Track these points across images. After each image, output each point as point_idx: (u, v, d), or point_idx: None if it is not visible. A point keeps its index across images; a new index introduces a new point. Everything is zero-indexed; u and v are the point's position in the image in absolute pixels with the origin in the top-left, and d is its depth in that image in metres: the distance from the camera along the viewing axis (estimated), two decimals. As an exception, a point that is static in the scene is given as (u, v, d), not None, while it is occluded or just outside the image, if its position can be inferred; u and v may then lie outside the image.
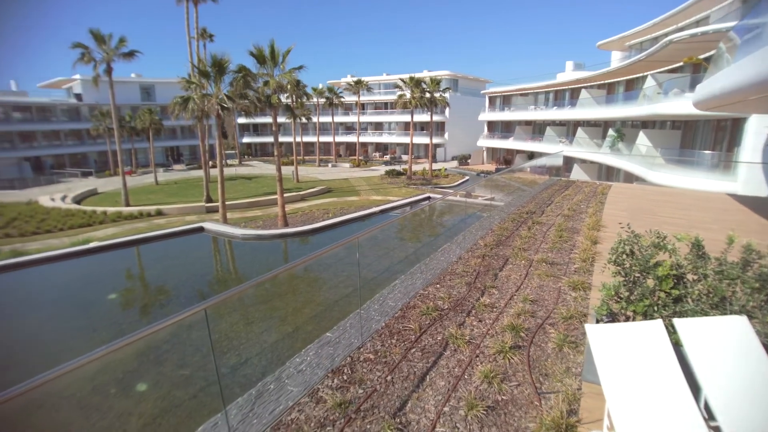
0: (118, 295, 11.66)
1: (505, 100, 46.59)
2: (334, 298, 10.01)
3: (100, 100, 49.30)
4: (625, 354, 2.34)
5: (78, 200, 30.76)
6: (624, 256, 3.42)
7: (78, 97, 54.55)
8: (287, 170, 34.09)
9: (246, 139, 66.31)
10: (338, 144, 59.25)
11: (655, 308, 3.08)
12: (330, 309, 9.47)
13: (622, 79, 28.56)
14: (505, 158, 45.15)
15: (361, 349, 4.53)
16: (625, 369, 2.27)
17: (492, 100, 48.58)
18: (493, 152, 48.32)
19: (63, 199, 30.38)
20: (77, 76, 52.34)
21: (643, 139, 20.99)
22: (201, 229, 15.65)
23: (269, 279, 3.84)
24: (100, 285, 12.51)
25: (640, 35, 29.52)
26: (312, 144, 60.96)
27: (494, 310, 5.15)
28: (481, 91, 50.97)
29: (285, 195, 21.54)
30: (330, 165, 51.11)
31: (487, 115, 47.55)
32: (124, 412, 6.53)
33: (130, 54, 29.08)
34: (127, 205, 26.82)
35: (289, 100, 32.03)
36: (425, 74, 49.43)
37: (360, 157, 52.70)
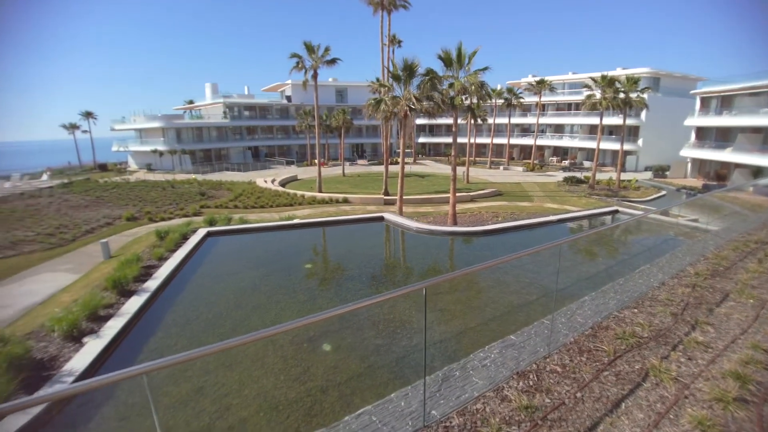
0: (312, 266, 13.70)
1: (724, 102, 37.86)
2: (517, 302, 9.91)
3: (304, 101, 57.64)
4: None
5: (283, 184, 36.69)
6: None
7: (288, 98, 64.77)
8: (458, 170, 34.63)
9: (421, 139, 69.40)
10: (512, 146, 57.27)
11: None
12: (513, 312, 9.42)
13: None
14: (718, 173, 37.12)
15: (548, 359, 4.45)
16: None
17: (705, 101, 39.98)
18: (700, 164, 40.12)
19: (272, 182, 36.65)
20: (289, 81, 62.02)
21: None
22: (381, 218, 17.16)
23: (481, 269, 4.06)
24: (299, 254, 14.90)
25: None
26: (484, 145, 60.36)
27: (709, 350, 4.45)
28: (691, 90, 42.62)
29: (456, 194, 21.97)
30: (502, 167, 49.92)
31: (698, 120, 39.43)
32: (324, 366, 7.65)
33: (333, 61, 33.24)
34: (320, 191, 30.91)
35: (470, 102, 32.44)
36: (619, 72, 44.06)
37: (535, 161, 50.09)
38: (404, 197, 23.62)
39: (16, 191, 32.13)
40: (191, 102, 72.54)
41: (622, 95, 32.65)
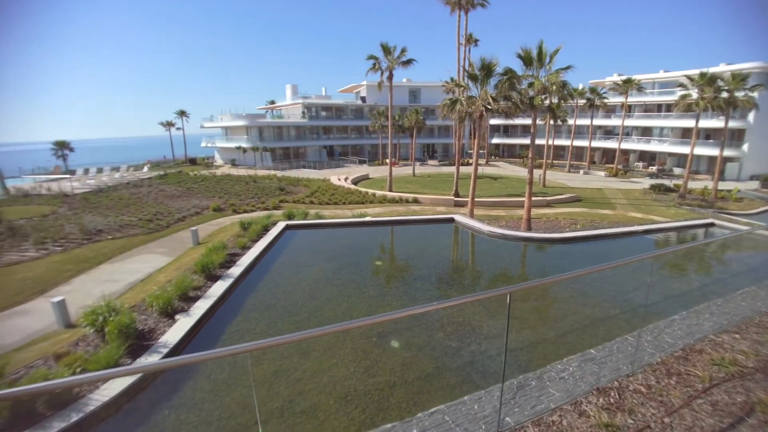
0: (382, 263, 13.98)
1: None
2: (598, 316, 9.44)
3: (378, 101, 58.59)
4: None
5: (355, 182, 37.60)
6: None
7: (363, 99, 66.23)
8: (534, 174, 33.30)
9: (495, 140, 67.59)
10: (593, 149, 53.81)
11: None
12: (593, 326, 8.98)
13: None
14: None
15: (631, 378, 4.20)
16: None
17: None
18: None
19: (345, 180, 37.71)
20: (364, 83, 63.38)
21: None
22: (451, 220, 17.04)
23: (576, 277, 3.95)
24: (369, 251, 15.27)
25: None
26: (563, 148, 57.42)
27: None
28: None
29: (531, 199, 21.17)
30: (581, 172, 47.20)
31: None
32: (392, 362, 7.82)
33: (408, 62, 33.41)
34: (390, 190, 31.27)
35: (550, 102, 31.08)
36: (723, 69, 39.64)
37: (618, 166, 46.72)
38: (476, 199, 23.21)
39: (123, 181, 36.14)
40: (273, 102, 76.70)
41: (725, 94, 29.38)
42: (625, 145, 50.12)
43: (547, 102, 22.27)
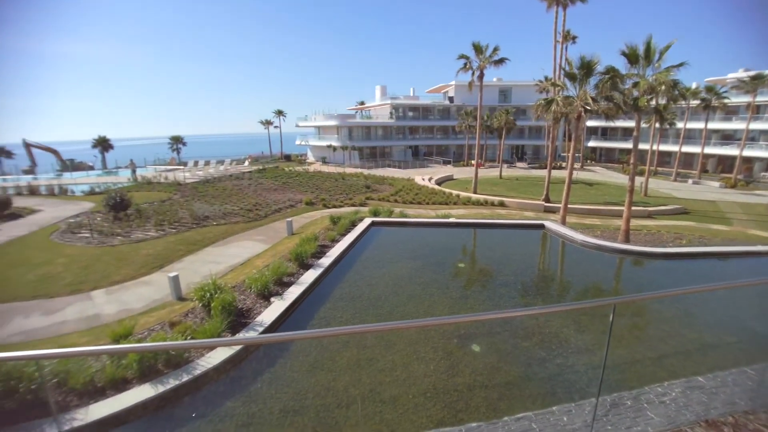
0: (465, 265, 13.82)
1: None
2: (708, 341, 8.55)
3: (466, 101, 57.73)
4: None
5: (439, 182, 37.50)
6: None
7: (450, 99, 65.71)
8: (635, 181, 30.61)
9: (591, 143, 63.17)
10: (707, 156, 47.89)
11: None
12: (701, 352, 8.16)
13: None
14: None
15: (750, 416, 3.75)
16: None
17: None
18: None
19: (429, 180, 37.75)
20: (452, 82, 62.85)
21: None
22: (541, 226, 16.29)
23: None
24: (452, 252, 15.17)
25: None
26: (669, 154, 52.07)
27: None
28: None
29: (631, 208, 19.52)
30: (690, 181, 42.42)
31: None
32: (472, 365, 7.76)
33: (500, 61, 32.50)
34: (475, 192, 30.73)
35: (656, 103, 28.37)
36: None
37: (738, 176, 41.19)
38: (568, 206, 21.93)
39: (226, 173, 39.72)
40: (362, 103, 79.19)
41: None
42: (748, 153, 43.87)
43: (653, 103, 20.39)
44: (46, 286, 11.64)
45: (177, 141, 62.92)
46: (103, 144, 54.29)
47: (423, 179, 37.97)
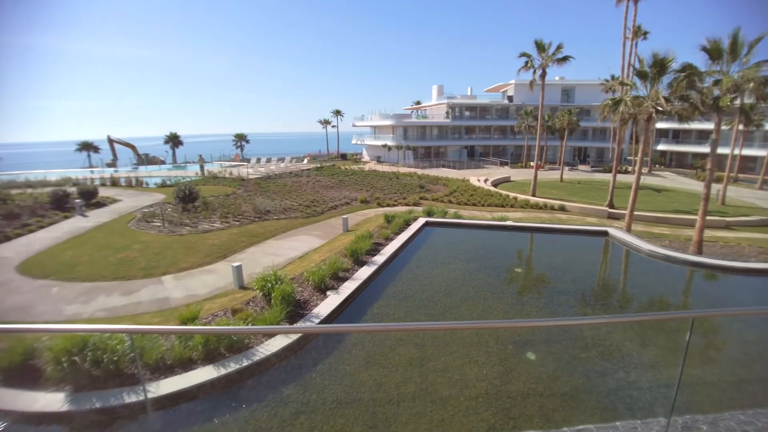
0: (522, 270, 13.45)
1: None
2: None
3: (526, 101, 56.02)
4: None
5: (495, 184, 36.69)
6: None
7: (509, 99, 64.02)
8: (711, 188, 28.23)
9: (661, 146, 59.08)
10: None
11: None
12: None
13: None
14: None
15: None
16: None
17: None
18: None
19: (485, 181, 37.03)
20: (512, 81, 61.17)
21: None
22: (605, 233, 15.47)
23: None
24: (508, 256, 14.81)
25: None
26: (753, 159, 47.53)
27: None
28: None
29: (706, 217, 18.06)
30: (780, 190, 38.54)
31: None
32: (526, 373, 7.57)
33: (564, 59, 31.21)
34: (533, 195, 29.75)
35: (740, 102, 25.96)
36: None
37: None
38: (634, 213, 20.65)
39: (286, 170, 41.24)
40: (418, 102, 79.12)
41: None
42: None
43: (737, 102, 18.70)
44: (125, 268, 12.70)
45: (241, 139, 66.27)
46: (173, 140, 58.31)
47: (478, 180, 37.30)
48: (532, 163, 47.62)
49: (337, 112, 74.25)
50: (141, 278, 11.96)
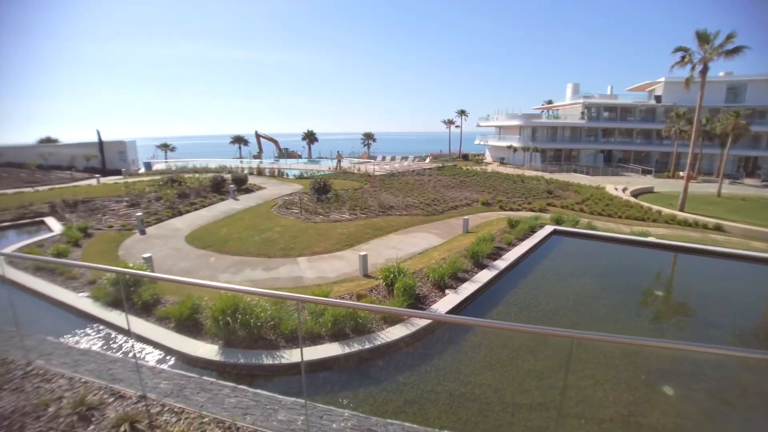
0: (665, 294, 11.97)
1: None
2: None
3: (678, 101, 49.05)
4: None
5: (635, 194, 32.92)
6: None
7: (657, 99, 56.62)
8: None
9: None
10: None
11: None
12: None
13: None
14: None
15: None
16: None
17: None
18: None
19: (623, 190, 33.46)
20: (662, 79, 54.05)
21: None
22: (777, 261, 12.98)
23: None
24: (648, 276, 13.32)
25: None
26: None
27: None
28: None
29: None
30: None
31: None
32: (660, 409, 6.81)
33: (735, 51, 26.34)
34: (682, 210, 26.01)
35: None
36: None
37: None
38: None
39: (409, 169, 42.37)
40: (550, 102, 74.41)
41: None
42: None
43: None
44: (267, 247, 14.40)
45: (368, 137, 69.89)
46: (310, 137, 63.99)
47: (616, 189, 33.84)
48: (681, 173, 41.55)
49: (462, 112, 73.70)
50: (280, 257, 13.45)
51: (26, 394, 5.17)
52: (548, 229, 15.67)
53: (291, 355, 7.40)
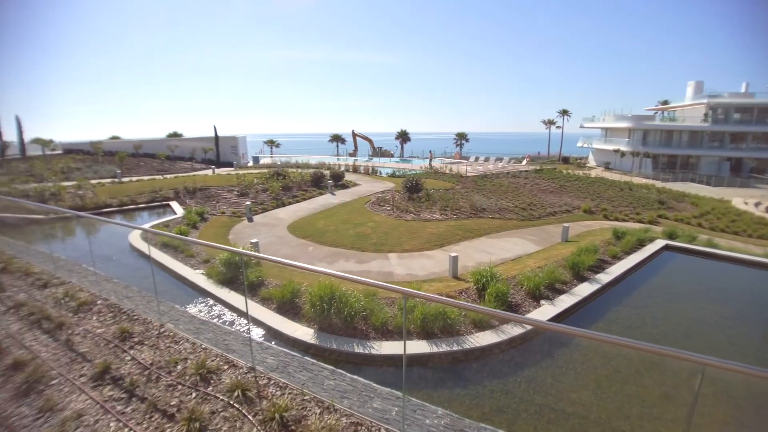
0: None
1: None
2: None
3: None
4: None
5: (772, 211, 28.42)
6: None
7: (814, 98, 48.03)
8: None
9: None
10: None
11: None
12: None
13: None
14: None
15: None
16: None
17: None
18: None
19: (756, 205, 29.07)
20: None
21: None
22: None
23: None
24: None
25: None
26: None
27: None
28: None
29: None
30: None
31: None
32: None
33: None
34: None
35: None
36: None
37: None
38: None
39: (503, 170, 41.05)
40: (665, 103, 66.91)
41: None
42: None
43: None
44: (360, 241, 14.98)
45: (461, 137, 68.92)
46: (403, 137, 64.98)
47: (746, 203, 29.50)
48: (839, 189, 34.92)
49: (564, 112, 69.45)
50: (372, 252, 13.92)
51: (160, 351, 6.06)
52: (659, 243, 14.21)
53: (381, 347, 7.67)
